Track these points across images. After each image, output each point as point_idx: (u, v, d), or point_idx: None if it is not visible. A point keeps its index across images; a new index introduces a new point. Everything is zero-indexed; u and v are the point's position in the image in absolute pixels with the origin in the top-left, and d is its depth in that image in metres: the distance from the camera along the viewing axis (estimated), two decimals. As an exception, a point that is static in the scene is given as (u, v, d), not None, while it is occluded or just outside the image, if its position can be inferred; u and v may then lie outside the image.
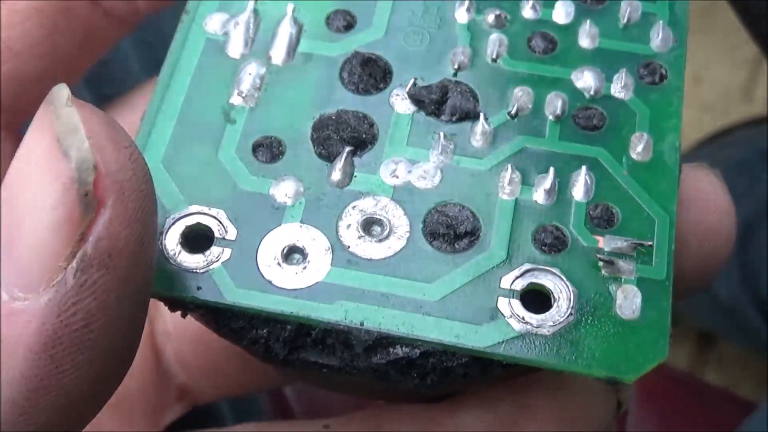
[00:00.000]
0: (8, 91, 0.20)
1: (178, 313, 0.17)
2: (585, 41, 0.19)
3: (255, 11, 0.19)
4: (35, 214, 0.13)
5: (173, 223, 0.17)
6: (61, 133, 0.13)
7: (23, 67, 0.20)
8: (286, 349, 0.17)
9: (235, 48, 0.19)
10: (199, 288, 0.16)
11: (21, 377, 0.13)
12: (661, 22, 0.19)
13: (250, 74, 0.19)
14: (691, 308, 0.68)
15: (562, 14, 0.20)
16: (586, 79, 0.19)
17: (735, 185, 0.66)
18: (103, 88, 0.29)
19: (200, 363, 0.23)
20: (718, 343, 0.79)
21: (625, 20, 0.19)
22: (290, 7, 0.19)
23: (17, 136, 0.21)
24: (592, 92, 0.18)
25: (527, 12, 0.20)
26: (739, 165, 0.66)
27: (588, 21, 0.19)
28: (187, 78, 0.19)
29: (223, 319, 0.17)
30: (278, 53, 0.19)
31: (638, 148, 0.18)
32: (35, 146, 0.13)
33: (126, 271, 0.14)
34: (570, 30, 0.19)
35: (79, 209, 0.13)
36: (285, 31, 0.19)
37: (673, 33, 0.19)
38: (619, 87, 0.19)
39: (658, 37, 0.19)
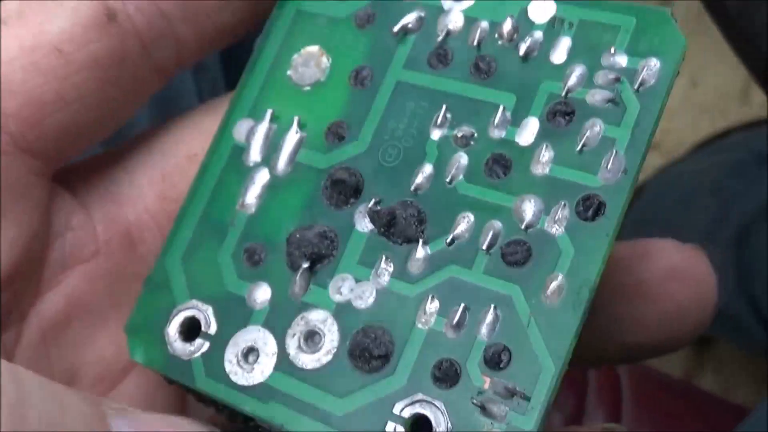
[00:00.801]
0: (52, 139, 0.21)
1: None
2: (537, 167, 0.20)
3: (273, 119, 0.22)
4: None
5: (177, 314, 0.22)
6: None
7: (72, 117, 0.21)
8: (243, 422, 0.21)
9: (252, 156, 0.22)
10: (182, 373, 0.21)
11: None
12: (615, 150, 0.19)
13: (255, 183, 0.22)
14: None
15: (525, 135, 0.20)
16: (525, 210, 0.19)
17: (731, 188, 0.58)
18: None
19: None
20: (716, 346, 0.74)
21: (580, 145, 0.19)
22: (296, 118, 0.22)
23: (47, 182, 0.22)
24: (524, 224, 0.19)
25: (493, 131, 0.20)
26: (735, 168, 0.62)
27: (546, 144, 0.20)
28: (212, 182, 0.22)
29: (198, 395, 0.21)
30: (281, 163, 0.22)
31: (548, 290, 0.19)
32: None
33: None
34: (527, 153, 0.20)
35: None
36: (290, 142, 0.22)
37: (627, 162, 0.19)
38: (554, 221, 0.19)
39: (607, 168, 0.19)
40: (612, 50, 0.20)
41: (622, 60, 0.20)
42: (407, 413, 0.19)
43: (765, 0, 0.23)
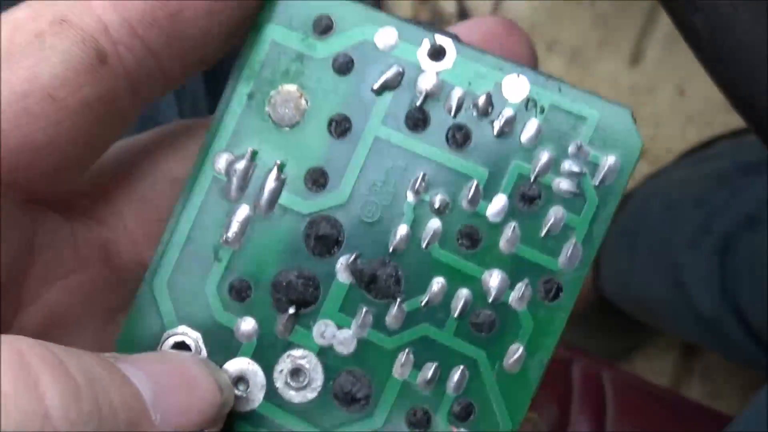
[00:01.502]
0: (41, 179, 0.22)
1: None
2: (504, 245, 0.22)
3: (252, 157, 0.24)
4: (201, 410, 0.21)
5: (167, 338, 0.24)
6: (221, 383, 0.22)
7: (62, 156, 0.22)
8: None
9: (233, 191, 0.24)
10: None
11: None
12: (574, 239, 0.22)
13: (237, 221, 0.24)
14: (673, 321, 0.65)
15: (495, 211, 0.22)
16: (492, 283, 0.22)
17: (715, 199, 0.63)
18: None
19: None
20: (704, 353, 0.79)
21: (546, 230, 0.22)
22: (277, 162, 0.23)
23: (32, 206, 0.23)
24: (491, 298, 0.22)
25: (466, 203, 0.23)
26: (719, 178, 0.64)
27: (514, 225, 0.22)
28: (194, 211, 0.24)
29: None
30: (263, 203, 0.24)
31: (511, 359, 0.22)
32: (203, 382, 0.22)
33: None
34: (496, 229, 0.22)
35: (222, 410, 0.22)
36: (270, 183, 0.24)
37: (583, 252, 0.22)
38: (517, 297, 0.22)
39: (566, 254, 0.22)
40: (578, 141, 0.22)
41: (585, 152, 0.22)
42: None
43: (734, 21, 0.25)
